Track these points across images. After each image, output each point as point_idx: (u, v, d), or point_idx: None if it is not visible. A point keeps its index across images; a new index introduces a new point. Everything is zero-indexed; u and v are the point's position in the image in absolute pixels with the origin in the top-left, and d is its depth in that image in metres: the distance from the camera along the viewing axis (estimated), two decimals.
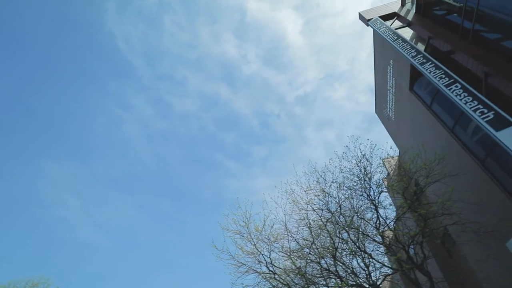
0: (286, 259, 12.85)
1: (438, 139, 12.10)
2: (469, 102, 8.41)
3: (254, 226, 13.01)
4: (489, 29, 9.60)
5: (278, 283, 12.09)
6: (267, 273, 12.30)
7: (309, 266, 12.78)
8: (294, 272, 12.28)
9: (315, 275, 12.60)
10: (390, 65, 15.90)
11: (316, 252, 12.20)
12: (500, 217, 9.01)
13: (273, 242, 12.94)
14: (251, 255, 12.59)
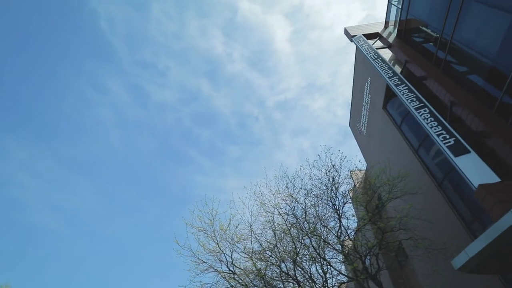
0: (247, 260, 12.89)
1: (403, 158, 12.78)
2: (434, 127, 8.98)
3: (219, 225, 12.94)
4: (459, 62, 10.32)
5: (237, 283, 12.09)
6: (227, 272, 12.27)
7: (269, 269, 12.92)
8: (254, 274, 12.36)
9: (274, 278, 12.76)
10: (368, 82, 16.56)
11: (277, 256, 12.36)
12: (449, 236, 9.69)
13: (236, 242, 12.93)
14: (213, 253, 12.49)
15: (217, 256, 12.56)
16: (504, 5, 7.81)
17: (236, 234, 13.03)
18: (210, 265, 12.41)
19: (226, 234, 12.85)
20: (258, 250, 13.05)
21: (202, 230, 12.76)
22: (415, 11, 12.59)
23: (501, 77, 8.29)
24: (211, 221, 12.85)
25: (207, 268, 12.36)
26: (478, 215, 8.59)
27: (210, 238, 12.67)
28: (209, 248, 12.47)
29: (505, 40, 7.97)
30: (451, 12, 9.97)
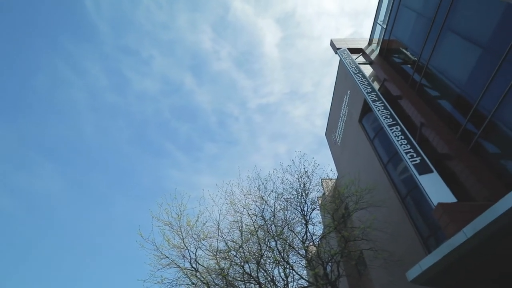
0: (211, 258, 12.80)
1: (372, 171, 13.30)
2: (404, 145, 9.44)
3: (187, 220, 12.73)
4: (432, 86, 10.94)
5: (198, 281, 11.95)
6: (189, 269, 12.10)
7: (232, 269, 12.90)
8: (217, 272, 12.29)
9: (236, 278, 12.76)
10: (347, 94, 17.08)
11: (242, 256, 12.38)
12: (407, 249, 10.21)
13: (202, 239, 12.79)
14: (177, 249, 12.27)
15: (181, 252, 12.35)
16: (476, 39, 8.40)
17: (202, 231, 12.90)
18: (173, 261, 12.16)
19: (193, 230, 12.68)
20: (223, 249, 12.99)
21: (169, 225, 12.49)
22: (397, 33, 13.18)
23: (467, 105, 8.89)
24: (179, 216, 12.62)
25: (169, 263, 12.11)
26: (434, 232, 9.13)
27: (175, 233, 12.44)
28: (173, 243, 12.23)
29: (474, 71, 8.57)
30: (429, 39, 10.55)
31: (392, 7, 13.17)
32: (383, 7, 14.23)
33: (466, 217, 6.13)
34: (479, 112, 8.42)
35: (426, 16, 10.74)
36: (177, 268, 12.13)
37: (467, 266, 5.71)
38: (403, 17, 12.50)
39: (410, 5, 11.87)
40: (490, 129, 8.14)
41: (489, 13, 7.83)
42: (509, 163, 7.79)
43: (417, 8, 11.38)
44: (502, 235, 4.92)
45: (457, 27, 9.21)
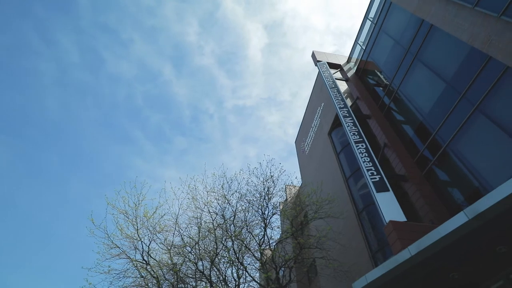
0: (165, 253, 12.46)
1: (334, 184, 13.81)
2: (366, 162, 9.93)
3: (144, 211, 12.28)
4: (399, 111, 11.64)
5: (148, 275, 11.57)
6: (140, 261, 11.66)
7: (185, 265, 12.66)
8: (168, 267, 11.99)
9: (187, 275, 12.54)
10: (321, 106, 17.61)
11: (196, 253, 12.19)
12: (356, 261, 10.72)
13: (158, 232, 12.41)
14: (130, 239, 11.77)
15: (133, 243, 11.87)
16: (442, 74, 9.09)
17: (159, 224, 12.51)
18: (124, 251, 11.65)
19: (149, 222, 12.25)
20: (178, 244, 12.71)
21: (124, 213, 11.96)
22: (375, 56, 13.87)
23: (426, 133, 9.58)
24: (136, 205, 12.14)
25: (119, 253, 11.58)
26: (383, 247, 9.68)
27: (130, 223, 11.93)
28: (126, 234, 11.72)
29: (436, 103, 9.26)
30: (402, 67, 11.23)
31: (373, 31, 13.84)
32: (365, 29, 14.90)
33: (412, 236, 6.58)
34: (436, 141, 9.10)
35: (402, 45, 11.42)
36: (127, 259, 11.64)
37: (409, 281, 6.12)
38: (382, 42, 13.19)
39: (389, 32, 12.56)
40: (443, 158, 8.84)
41: (455, 53, 8.53)
42: (455, 191, 8.50)
43: (395, 36, 12.07)
44: (442, 255, 5.35)
45: (427, 60, 9.90)
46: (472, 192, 7.70)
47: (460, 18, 7.52)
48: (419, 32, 10.28)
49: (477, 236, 4.92)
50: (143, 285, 11.57)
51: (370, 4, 14.27)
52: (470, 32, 7.19)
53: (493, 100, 7.23)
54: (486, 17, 6.78)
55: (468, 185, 7.91)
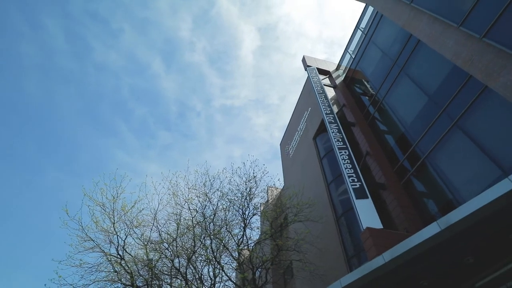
0: (141, 248, 12.22)
1: (316, 188, 14.00)
2: (348, 169, 10.13)
3: (122, 205, 12.00)
4: (382, 121, 11.95)
5: (122, 269, 11.30)
6: (115, 256, 11.38)
7: (161, 261, 12.47)
8: (144, 263, 11.76)
9: (163, 271, 12.35)
10: (307, 111, 17.81)
11: (173, 250, 12.04)
12: (332, 265, 10.90)
13: (135, 226, 12.16)
14: (105, 233, 11.47)
15: (109, 237, 11.57)
16: (425, 88, 9.41)
17: (137, 218, 12.26)
18: (98, 245, 11.33)
19: (126, 216, 11.98)
20: (155, 240, 12.51)
21: (101, 206, 11.64)
22: (363, 65, 14.18)
23: (407, 144, 9.88)
24: (114, 198, 11.84)
25: (93, 246, 11.26)
26: (358, 252, 9.90)
27: (107, 216, 11.63)
28: (102, 227, 11.41)
29: (418, 116, 9.57)
30: (388, 78, 11.54)
31: (363, 41, 14.15)
32: (356, 39, 15.21)
33: (387, 243, 6.77)
34: (415, 153, 9.41)
35: (389, 57, 11.74)
36: (101, 253, 11.34)
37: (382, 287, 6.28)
38: (371, 53, 13.50)
39: (379, 43, 12.87)
40: (421, 170, 9.14)
41: (439, 69, 8.85)
42: (430, 202, 8.81)
43: (383, 48, 12.39)
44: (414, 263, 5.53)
45: (413, 73, 10.22)
46: (446, 203, 8.01)
47: (445, 36, 7.81)
48: (407, 46, 10.60)
49: (447, 246, 5.11)
50: (116, 280, 11.29)
51: (362, 15, 14.58)
52: (454, 51, 7.48)
53: (471, 117, 7.56)
54: (469, 37, 7.09)
55: (442, 196, 8.22)
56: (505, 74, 6.07)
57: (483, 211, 4.39)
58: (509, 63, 6.03)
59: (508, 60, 6.07)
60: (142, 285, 11.52)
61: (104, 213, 11.60)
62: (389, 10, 10.31)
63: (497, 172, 6.58)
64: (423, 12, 8.60)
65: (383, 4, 10.68)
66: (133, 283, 10.71)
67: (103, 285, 11.28)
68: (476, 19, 6.89)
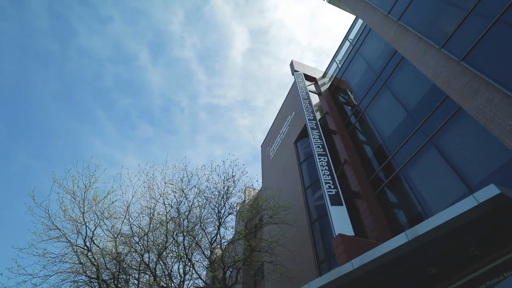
0: (110, 240, 11.85)
1: (293, 192, 14.16)
2: (326, 175, 10.32)
3: (94, 194, 11.59)
4: (362, 131, 12.30)
5: (88, 261, 10.90)
6: (81, 247, 10.96)
7: (130, 255, 12.15)
8: (112, 256, 11.41)
9: (131, 266, 12.04)
10: (291, 115, 18.00)
11: (144, 244, 11.76)
12: (303, 268, 11.06)
13: (106, 218, 11.78)
14: (73, 222, 11.03)
15: (77, 227, 11.13)
16: (405, 104, 9.79)
17: (108, 209, 11.89)
18: (64, 234, 10.88)
19: (98, 206, 11.58)
20: (126, 233, 12.17)
21: (71, 194, 11.18)
22: (348, 76, 14.53)
23: (383, 156, 10.22)
24: (86, 187, 11.42)
25: (59, 236, 10.79)
26: (329, 258, 10.11)
27: (77, 205, 11.18)
28: (70, 216, 10.96)
29: (396, 130, 9.93)
30: (371, 90, 11.89)
31: (351, 52, 14.50)
32: (344, 49, 15.56)
33: (357, 250, 6.96)
34: (390, 165, 9.75)
35: (374, 70, 12.11)
36: (67, 243, 10.89)
37: None
38: (357, 64, 13.86)
39: (365, 56, 13.24)
40: (394, 181, 9.49)
41: (419, 86, 9.23)
42: (400, 213, 9.16)
43: (369, 61, 12.76)
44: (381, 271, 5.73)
45: (394, 88, 10.60)
46: (415, 215, 8.35)
47: (427, 56, 8.16)
48: (391, 61, 10.98)
49: (413, 256, 5.34)
50: (80, 272, 10.88)
51: (352, 26, 14.95)
52: (434, 70, 7.83)
53: (445, 135, 7.94)
54: (449, 59, 7.45)
55: (412, 209, 8.57)
56: (478, 97, 6.43)
57: (448, 225, 4.62)
58: (483, 87, 6.39)
59: (482, 84, 6.43)
60: (108, 279, 11.17)
61: (74, 201, 11.17)
62: (377, 25, 10.64)
63: (463, 189, 6.95)
64: (409, 31, 8.94)
65: (372, 18, 11.01)
66: (98, 276, 10.36)
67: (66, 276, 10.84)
68: (457, 43, 7.25)
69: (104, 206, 11.73)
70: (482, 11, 6.75)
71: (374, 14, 10.94)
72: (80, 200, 11.23)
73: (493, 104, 6.10)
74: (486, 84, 6.34)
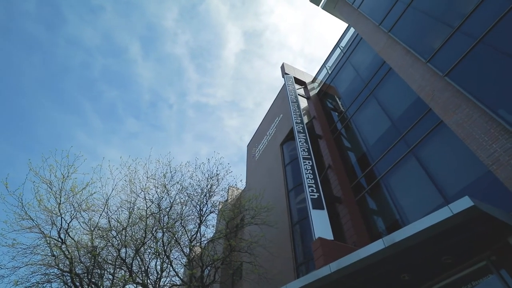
0: (86, 233, 11.53)
1: (276, 193, 14.24)
2: (309, 179, 10.44)
3: (72, 185, 11.24)
4: (347, 138, 12.52)
5: (61, 254, 10.55)
6: (55, 239, 10.60)
7: (106, 250, 11.87)
8: (87, 250, 11.10)
9: (107, 260, 11.76)
10: (279, 117, 18.10)
11: (122, 239, 11.51)
12: (281, 270, 11.13)
13: (83, 210, 11.45)
14: (48, 213, 10.66)
15: (51, 218, 10.76)
16: (390, 113, 10.04)
17: (86, 201, 11.56)
18: (38, 225, 10.49)
19: (75, 198, 11.24)
20: (104, 226, 11.87)
21: (48, 183, 10.80)
22: (337, 83, 14.76)
23: (366, 164, 10.45)
24: (64, 177, 11.05)
25: (31, 226, 10.40)
26: (308, 261, 10.23)
27: (53, 195, 10.81)
28: (46, 206, 10.58)
29: (380, 138, 10.17)
30: (359, 98, 12.13)
31: (341, 59, 14.75)
32: (334, 55, 15.80)
33: (335, 254, 7.07)
34: (372, 172, 9.97)
35: (362, 78, 12.36)
36: (40, 234, 10.51)
37: None
38: (346, 71, 14.10)
39: (355, 64, 13.50)
40: (375, 189, 9.71)
41: (404, 98, 9.50)
42: (379, 220, 9.38)
43: (358, 69, 13.01)
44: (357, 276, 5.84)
45: (381, 98, 10.85)
46: (393, 223, 8.58)
47: (414, 69, 8.41)
48: (379, 71, 11.24)
49: (389, 262, 5.48)
50: (52, 265, 10.53)
51: (344, 34, 15.20)
52: (419, 83, 8.08)
53: (425, 146, 8.20)
54: (433, 74, 7.70)
55: (390, 216, 8.80)
56: (459, 112, 6.68)
57: (423, 234, 4.78)
58: (464, 103, 6.65)
59: (463, 100, 6.69)
60: (81, 273, 10.86)
61: (50, 191, 10.79)
62: (368, 35, 10.87)
63: (440, 199, 7.20)
64: (398, 43, 9.19)
65: (364, 28, 11.24)
66: (71, 270, 10.05)
67: (37, 269, 10.47)
68: (442, 58, 7.51)
69: (82, 198, 11.41)
70: (467, 30, 7.03)
71: (365, 24, 11.18)
72: (56, 190, 10.87)
73: (472, 120, 6.35)
74: (467, 100, 6.60)
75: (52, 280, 10.80)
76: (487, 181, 6.33)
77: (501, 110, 5.88)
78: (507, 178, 5.43)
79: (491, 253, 5.16)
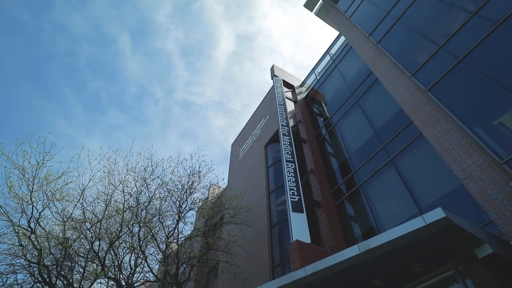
0: (58, 224, 11.10)
1: (257, 194, 14.28)
2: (291, 182, 10.54)
3: (46, 173, 10.79)
4: (331, 144, 12.74)
5: (30, 244, 10.10)
6: (24, 228, 10.14)
7: (78, 242, 11.48)
8: (58, 241, 10.69)
9: (78, 253, 11.39)
10: (265, 118, 18.16)
11: (96, 231, 11.17)
12: (257, 271, 11.17)
13: (57, 200, 11.01)
14: (19, 200, 10.18)
15: (22, 206, 10.28)
16: (373, 123, 10.31)
17: (61, 191, 11.12)
18: (6, 212, 10.00)
19: (49, 186, 10.80)
20: (77, 218, 11.48)
21: (21, 170, 10.32)
22: (325, 89, 15.00)
23: (347, 170, 10.67)
24: (39, 164, 10.59)
25: None
26: (284, 262, 10.31)
27: (25, 182, 10.33)
28: (16, 193, 10.11)
29: (362, 146, 10.42)
30: (344, 106, 12.38)
31: (330, 66, 14.99)
32: (324, 62, 16.04)
33: (312, 258, 7.18)
34: (352, 179, 10.19)
35: (349, 87, 12.61)
36: (8, 222, 10.02)
37: None
38: (334, 78, 14.35)
39: (342, 71, 13.76)
40: (354, 195, 9.93)
41: (388, 108, 9.77)
42: (355, 226, 9.60)
43: (346, 77, 13.28)
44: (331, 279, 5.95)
45: (366, 107, 11.12)
46: (369, 229, 8.80)
47: (399, 82, 8.68)
48: (366, 81, 11.52)
49: (363, 268, 5.61)
50: (19, 255, 10.08)
51: (334, 42, 15.47)
52: (403, 96, 8.35)
53: (404, 157, 8.48)
54: (417, 88, 7.98)
55: (367, 223, 9.02)
56: (438, 126, 6.95)
57: (397, 241, 4.93)
58: (443, 118, 6.92)
59: (442, 115, 6.97)
60: (50, 265, 10.45)
61: (22, 178, 10.31)
62: (358, 44, 11.12)
63: (414, 209, 7.46)
64: (386, 55, 9.45)
65: (354, 38, 11.48)
66: (40, 261, 9.63)
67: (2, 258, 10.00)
68: (426, 74, 7.79)
69: (56, 187, 10.98)
70: (451, 49, 7.33)
71: (356, 33, 11.42)
72: (29, 177, 10.40)
73: (450, 135, 6.63)
74: (446, 115, 6.88)
75: (17, 271, 10.34)
76: (460, 194, 6.62)
77: (476, 128, 6.17)
78: (477, 192, 5.71)
79: (458, 263, 5.40)
